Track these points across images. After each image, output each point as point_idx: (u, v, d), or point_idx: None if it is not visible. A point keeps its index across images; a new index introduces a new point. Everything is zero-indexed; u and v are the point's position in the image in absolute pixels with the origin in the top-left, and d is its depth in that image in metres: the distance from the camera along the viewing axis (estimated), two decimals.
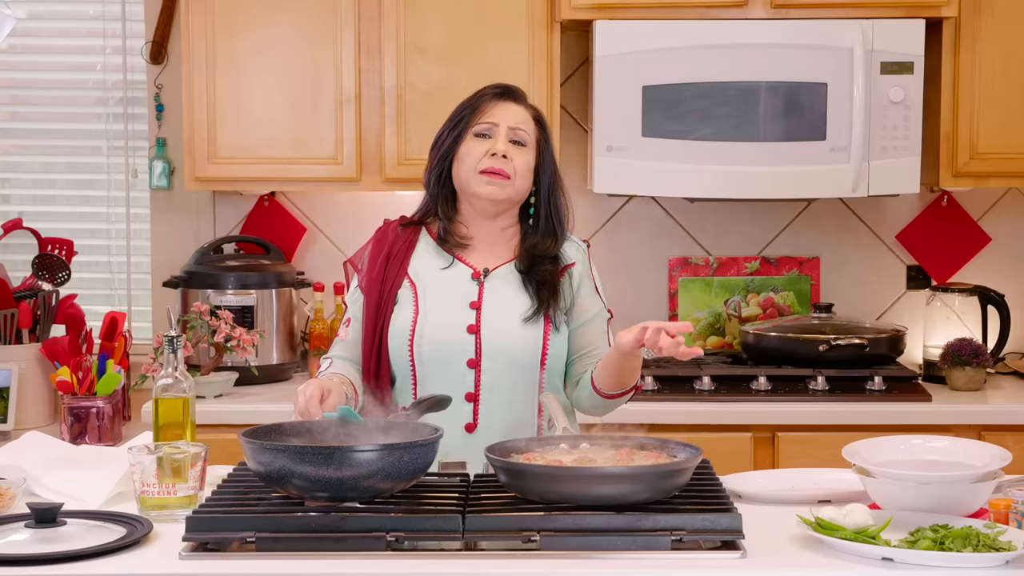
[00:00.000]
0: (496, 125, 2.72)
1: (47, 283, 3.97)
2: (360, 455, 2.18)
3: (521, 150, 2.72)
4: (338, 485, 2.18)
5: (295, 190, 4.19)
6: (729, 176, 3.77)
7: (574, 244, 2.82)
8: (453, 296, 2.72)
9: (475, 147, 2.72)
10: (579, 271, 2.79)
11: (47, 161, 4.40)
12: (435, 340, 2.69)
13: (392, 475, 2.20)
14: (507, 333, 2.69)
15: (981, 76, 3.85)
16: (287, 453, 2.18)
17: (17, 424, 3.68)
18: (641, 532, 2.13)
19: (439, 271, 2.75)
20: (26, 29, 4.32)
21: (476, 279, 2.74)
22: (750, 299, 4.23)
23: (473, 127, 2.73)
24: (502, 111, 2.74)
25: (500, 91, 2.77)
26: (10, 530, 2.23)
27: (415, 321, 2.70)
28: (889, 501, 2.30)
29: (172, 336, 2.54)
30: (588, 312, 2.77)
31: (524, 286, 2.74)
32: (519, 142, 2.72)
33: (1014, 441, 3.36)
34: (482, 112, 2.73)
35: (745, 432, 3.67)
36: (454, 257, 2.76)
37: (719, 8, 3.79)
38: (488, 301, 2.72)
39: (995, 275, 4.21)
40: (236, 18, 3.89)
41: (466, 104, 2.77)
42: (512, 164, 2.70)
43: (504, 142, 2.71)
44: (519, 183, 2.71)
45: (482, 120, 2.73)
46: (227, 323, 3.80)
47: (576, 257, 2.80)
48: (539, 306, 2.71)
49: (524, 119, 2.75)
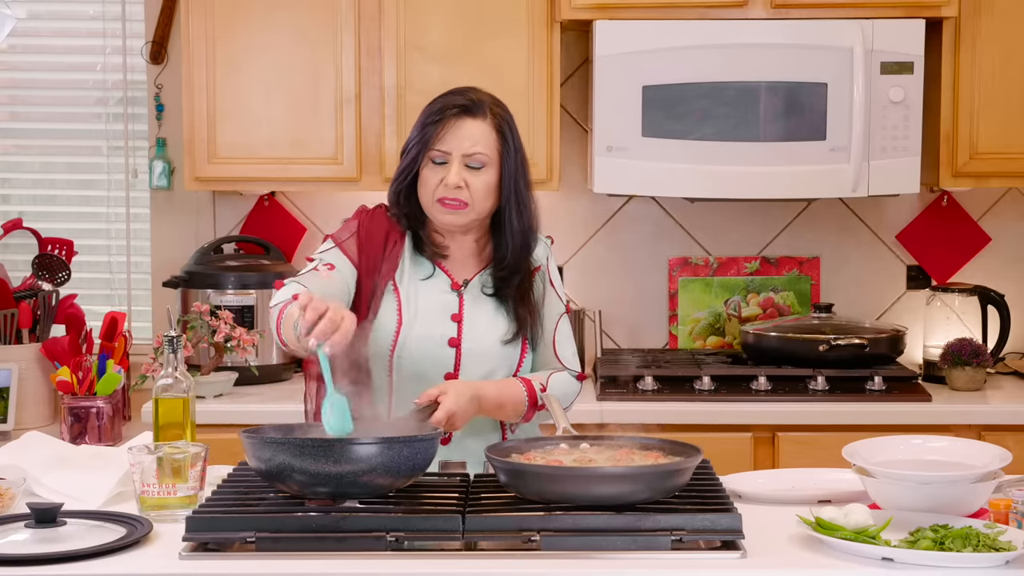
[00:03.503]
0: (449, 153, 2.66)
1: (47, 283, 3.97)
2: (360, 448, 2.19)
3: (478, 173, 2.67)
4: (338, 480, 2.18)
5: (295, 190, 4.19)
6: (729, 176, 3.77)
7: (540, 243, 2.82)
8: (435, 307, 2.72)
9: (431, 176, 2.67)
10: (542, 274, 2.80)
11: (47, 161, 4.40)
12: (416, 352, 2.68)
13: (392, 470, 2.21)
14: (488, 353, 2.71)
15: (981, 76, 3.85)
16: (287, 448, 2.19)
17: (17, 424, 3.68)
18: (641, 532, 2.13)
19: (420, 281, 2.74)
20: (26, 29, 4.32)
21: (456, 290, 2.75)
22: (750, 299, 4.23)
23: (430, 151, 2.67)
24: (458, 134, 2.66)
25: (459, 109, 2.68)
26: (10, 530, 2.23)
27: (398, 332, 2.69)
28: (889, 501, 2.30)
29: (172, 336, 2.54)
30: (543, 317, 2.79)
31: (500, 300, 2.74)
32: (475, 166, 2.67)
33: (1014, 441, 3.36)
34: (439, 136, 2.66)
35: (745, 432, 3.67)
36: (435, 266, 2.76)
37: (719, 8, 3.79)
38: (468, 313, 2.73)
39: (995, 275, 4.21)
40: (236, 18, 3.89)
41: (425, 124, 2.69)
42: (468, 192, 2.66)
43: (457, 173, 2.65)
44: (479, 206, 2.68)
45: (437, 147, 2.67)
46: (227, 323, 3.80)
47: (541, 259, 2.80)
48: (518, 329, 2.73)
49: (482, 137, 2.67)
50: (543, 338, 2.79)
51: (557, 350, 2.79)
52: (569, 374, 2.79)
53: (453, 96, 2.71)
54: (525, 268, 2.76)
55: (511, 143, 2.70)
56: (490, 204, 2.71)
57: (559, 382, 2.74)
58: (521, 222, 2.73)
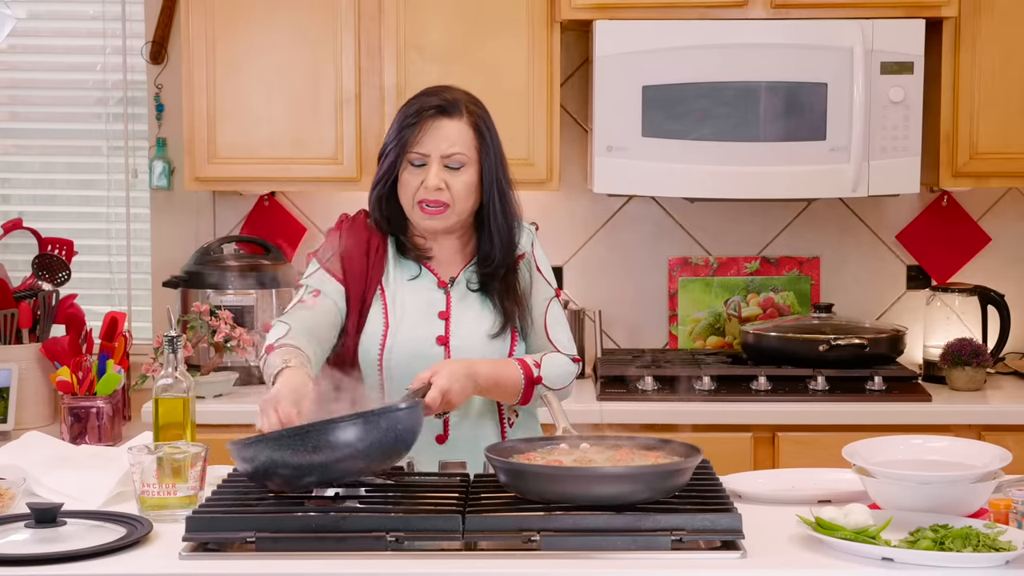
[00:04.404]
0: (428, 155, 2.66)
1: (47, 283, 3.97)
2: (337, 428, 2.18)
3: (457, 173, 2.67)
4: (323, 468, 2.18)
5: (295, 190, 4.19)
6: (729, 176, 3.77)
7: (524, 230, 2.80)
8: (422, 307, 2.72)
9: (411, 179, 2.68)
10: (527, 261, 2.79)
11: (47, 161, 4.40)
12: (404, 353, 2.68)
13: (375, 446, 2.20)
14: (477, 349, 2.70)
15: (981, 76, 3.85)
16: (266, 443, 2.19)
17: (17, 424, 3.68)
18: (641, 532, 2.13)
19: (407, 281, 2.74)
20: (26, 29, 4.32)
21: (443, 288, 2.75)
22: (750, 299, 4.23)
23: (408, 153, 2.67)
24: (435, 135, 2.66)
25: (435, 110, 2.68)
26: (10, 530, 2.23)
27: (385, 334, 2.69)
28: (889, 501, 2.30)
29: (172, 336, 2.55)
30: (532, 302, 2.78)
31: (486, 294, 2.74)
32: (455, 166, 2.67)
33: (1014, 441, 3.35)
34: (416, 139, 2.66)
35: (745, 432, 3.67)
36: (421, 266, 2.76)
37: (719, 8, 3.79)
38: (456, 310, 2.73)
39: (995, 275, 4.21)
40: (236, 18, 3.89)
41: (401, 126, 2.68)
42: (449, 192, 2.66)
43: (437, 175, 2.65)
44: (459, 207, 2.68)
45: (415, 149, 2.67)
46: (227, 323, 3.80)
47: (526, 246, 2.79)
48: (505, 322, 2.72)
49: (459, 137, 2.67)
50: (533, 325, 2.77)
51: (550, 334, 2.76)
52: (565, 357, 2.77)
53: (428, 97, 2.70)
54: (510, 261, 2.75)
55: (489, 140, 2.70)
56: (471, 203, 2.71)
57: (553, 360, 2.72)
58: (505, 218, 2.73)
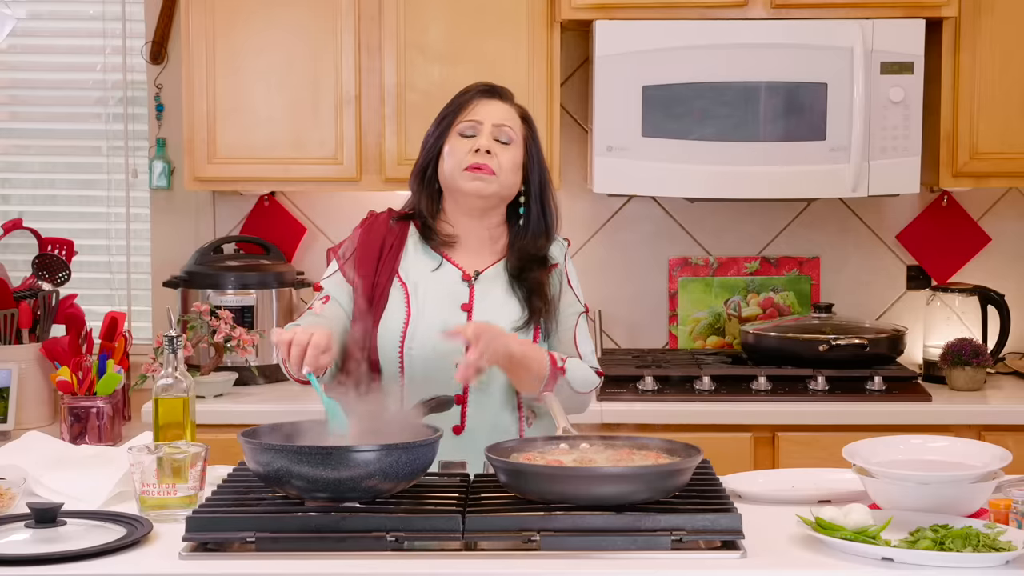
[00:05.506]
0: (480, 123, 2.73)
1: (47, 283, 3.97)
2: (359, 455, 2.18)
3: (506, 147, 2.72)
4: (336, 485, 2.18)
5: (295, 190, 4.19)
6: (729, 176, 3.77)
7: (557, 243, 2.84)
8: (444, 298, 2.72)
9: (459, 145, 2.72)
10: (559, 271, 2.80)
11: (47, 161, 4.40)
12: (426, 342, 2.68)
13: (391, 476, 2.20)
14: None
15: (981, 76, 3.85)
16: (285, 453, 2.18)
17: (17, 424, 3.68)
18: (641, 532, 2.13)
19: (429, 272, 2.75)
20: (26, 29, 4.32)
21: (467, 281, 2.75)
22: (750, 299, 4.23)
23: (457, 125, 2.74)
24: (486, 109, 2.75)
25: (485, 89, 2.78)
26: (10, 530, 2.23)
27: (407, 323, 2.69)
28: (889, 501, 2.30)
29: (172, 336, 2.55)
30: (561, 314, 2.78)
31: (513, 289, 2.74)
32: (504, 140, 2.72)
33: (1014, 441, 3.35)
34: (466, 111, 2.74)
35: (745, 432, 3.67)
36: (443, 257, 2.76)
37: (719, 8, 3.79)
38: (479, 304, 2.72)
39: (995, 275, 4.21)
40: (236, 18, 3.89)
41: (452, 102, 2.78)
42: (497, 160, 2.70)
43: (488, 139, 2.71)
44: (504, 178, 2.71)
45: (466, 118, 2.74)
46: (227, 323, 3.80)
47: (558, 257, 2.81)
48: (530, 316, 2.72)
49: (509, 116, 2.76)
50: (561, 336, 2.76)
51: (578, 347, 2.77)
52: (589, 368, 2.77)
53: (476, 85, 2.80)
54: (542, 260, 2.76)
55: (535, 133, 2.79)
56: (513, 182, 2.74)
57: (578, 364, 2.72)
58: (544, 213, 2.78)
